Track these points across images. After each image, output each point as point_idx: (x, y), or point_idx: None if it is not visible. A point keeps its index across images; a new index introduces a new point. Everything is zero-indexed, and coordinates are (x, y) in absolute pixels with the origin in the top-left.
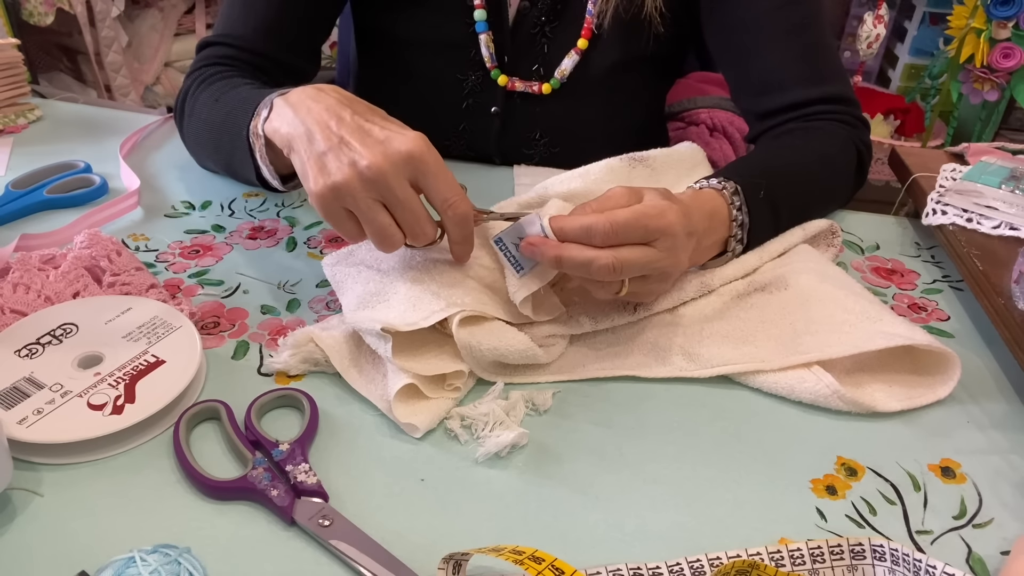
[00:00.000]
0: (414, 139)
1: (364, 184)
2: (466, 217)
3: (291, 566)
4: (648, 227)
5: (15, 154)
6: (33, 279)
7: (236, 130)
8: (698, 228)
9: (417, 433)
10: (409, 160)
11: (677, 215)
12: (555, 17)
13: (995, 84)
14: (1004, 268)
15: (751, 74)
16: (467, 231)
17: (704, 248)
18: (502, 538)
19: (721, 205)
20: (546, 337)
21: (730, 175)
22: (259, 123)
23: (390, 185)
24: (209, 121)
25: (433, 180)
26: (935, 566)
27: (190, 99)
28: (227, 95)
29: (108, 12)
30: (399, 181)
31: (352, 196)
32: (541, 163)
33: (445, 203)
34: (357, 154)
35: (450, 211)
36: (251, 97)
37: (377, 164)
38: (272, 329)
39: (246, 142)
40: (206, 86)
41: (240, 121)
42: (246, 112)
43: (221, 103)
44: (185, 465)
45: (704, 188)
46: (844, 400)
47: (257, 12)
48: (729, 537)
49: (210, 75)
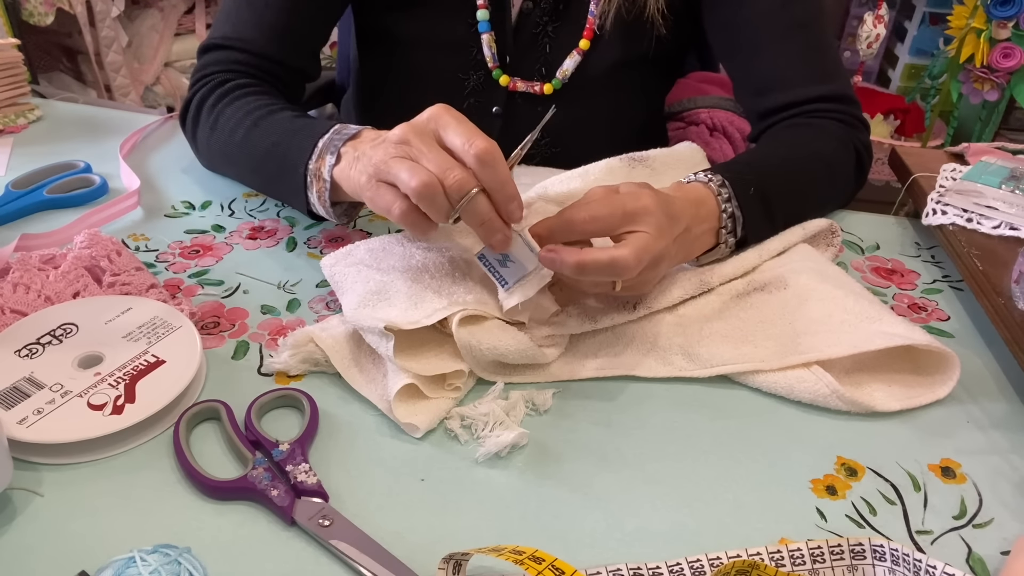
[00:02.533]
0: (435, 106)
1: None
2: (489, 152)
3: (291, 566)
4: (625, 207)
5: (15, 154)
6: (33, 279)
7: (288, 164)
8: (682, 214)
9: (417, 433)
10: (430, 117)
11: (651, 196)
12: (557, 17)
13: (995, 84)
14: (1004, 268)
15: (752, 73)
16: (498, 174)
17: (695, 237)
18: (502, 538)
19: (707, 195)
20: (546, 337)
21: (718, 169)
22: (324, 167)
23: (412, 141)
24: (246, 144)
25: (454, 127)
26: (935, 566)
27: (209, 110)
28: (267, 120)
29: (108, 12)
30: (422, 136)
31: (384, 162)
32: (542, 163)
33: (466, 141)
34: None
35: (471, 149)
36: (300, 131)
37: (401, 129)
38: (272, 329)
39: (302, 179)
40: (230, 100)
41: (294, 157)
42: (301, 149)
43: (261, 128)
44: (185, 465)
45: (691, 181)
46: (844, 400)
47: (260, 15)
48: (729, 537)
49: (228, 88)
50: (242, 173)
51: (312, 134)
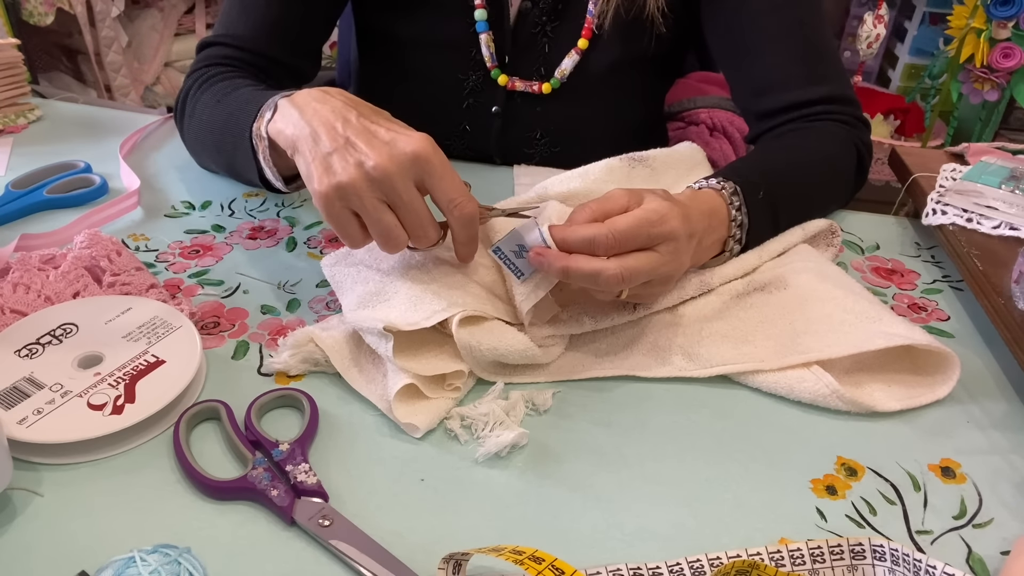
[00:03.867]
0: (420, 140)
1: (370, 184)
2: (471, 218)
3: (291, 566)
4: (651, 233)
5: (15, 154)
6: (33, 279)
7: (239, 131)
8: (698, 229)
9: (417, 433)
10: (415, 161)
11: (679, 219)
12: (556, 17)
13: (995, 84)
14: (1004, 268)
15: (751, 74)
16: (472, 232)
17: (704, 248)
18: (502, 538)
19: (720, 205)
20: (546, 337)
21: (729, 175)
22: (262, 124)
23: (395, 186)
24: (210, 122)
25: (439, 181)
26: (935, 566)
27: (191, 100)
28: (229, 96)
29: (108, 12)
30: (404, 182)
31: (358, 196)
32: (541, 163)
33: (451, 204)
34: (363, 155)
35: (456, 211)
36: (253, 98)
37: (383, 165)
38: (272, 329)
39: (249, 143)
40: (207, 87)
41: (243, 122)
42: (249, 113)
43: (223, 104)
44: (185, 465)
45: (703, 188)
46: (844, 400)
47: (258, 13)
48: (729, 537)
49: (211, 75)
50: (212, 155)
51: (264, 98)
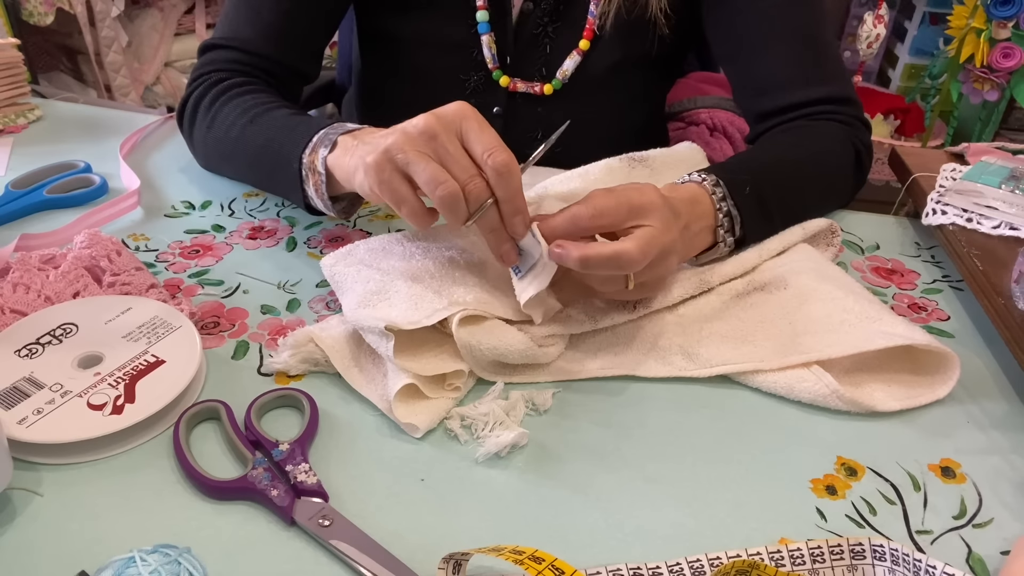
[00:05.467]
0: (460, 103)
1: (415, 139)
2: (506, 165)
3: (291, 566)
4: (631, 201)
5: (15, 154)
6: (33, 279)
7: (283, 160)
8: (681, 210)
9: (417, 433)
10: (456, 115)
11: (654, 189)
12: (557, 18)
13: (995, 84)
14: (1004, 268)
15: (752, 74)
16: (511, 184)
17: (694, 235)
18: (502, 538)
19: (700, 193)
20: (546, 337)
21: (711, 170)
22: (317, 159)
23: (439, 138)
24: (242, 141)
25: (477, 132)
26: (935, 566)
27: (205, 108)
28: (263, 118)
29: (108, 12)
30: (448, 135)
31: (403, 152)
32: (541, 163)
33: (486, 151)
34: (408, 124)
35: (491, 159)
36: (296, 127)
37: (426, 121)
38: (272, 329)
39: (296, 172)
40: (227, 99)
41: (288, 151)
42: (294, 143)
43: (258, 125)
44: (185, 465)
45: (684, 182)
46: (843, 400)
47: (261, 15)
48: (729, 537)
49: (227, 86)
50: (238, 170)
51: (308, 129)
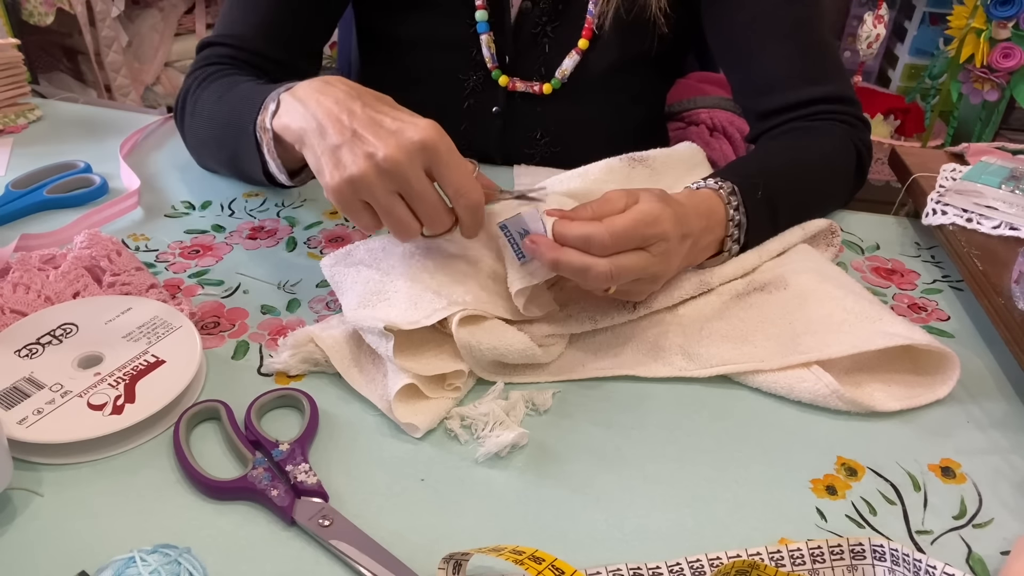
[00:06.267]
0: (426, 127)
1: (380, 176)
2: (478, 206)
3: (291, 566)
4: (645, 234)
5: (15, 154)
6: (33, 279)
7: (241, 125)
8: (694, 229)
9: (417, 433)
10: (423, 149)
11: (672, 221)
12: (556, 17)
13: (995, 84)
14: (1004, 268)
15: (752, 74)
16: (478, 219)
17: (701, 248)
18: (502, 538)
19: (717, 204)
20: (546, 337)
21: (727, 175)
22: (267, 118)
23: (406, 176)
24: (212, 118)
25: (445, 169)
26: (935, 566)
27: (191, 98)
28: (230, 92)
29: (108, 12)
30: (415, 172)
31: (369, 188)
32: (542, 163)
33: (458, 193)
34: (371, 146)
35: (462, 200)
36: (255, 92)
37: (392, 155)
38: (272, 329)
39: (252, 137)
40: (207, 84)
41: (245, 117)
42: (251, 107)
43: (224, 100)
44: (185, 465)
45: (701, 188)
46: (843, 400)
47: (258, 13)
48: (729, 537)
49: (211, 74)
50: (214, 152)
51: (264, 93)
